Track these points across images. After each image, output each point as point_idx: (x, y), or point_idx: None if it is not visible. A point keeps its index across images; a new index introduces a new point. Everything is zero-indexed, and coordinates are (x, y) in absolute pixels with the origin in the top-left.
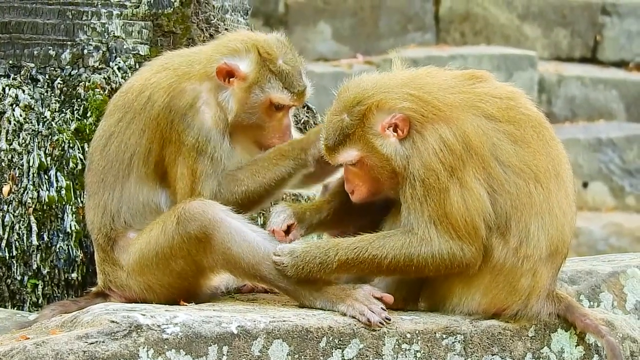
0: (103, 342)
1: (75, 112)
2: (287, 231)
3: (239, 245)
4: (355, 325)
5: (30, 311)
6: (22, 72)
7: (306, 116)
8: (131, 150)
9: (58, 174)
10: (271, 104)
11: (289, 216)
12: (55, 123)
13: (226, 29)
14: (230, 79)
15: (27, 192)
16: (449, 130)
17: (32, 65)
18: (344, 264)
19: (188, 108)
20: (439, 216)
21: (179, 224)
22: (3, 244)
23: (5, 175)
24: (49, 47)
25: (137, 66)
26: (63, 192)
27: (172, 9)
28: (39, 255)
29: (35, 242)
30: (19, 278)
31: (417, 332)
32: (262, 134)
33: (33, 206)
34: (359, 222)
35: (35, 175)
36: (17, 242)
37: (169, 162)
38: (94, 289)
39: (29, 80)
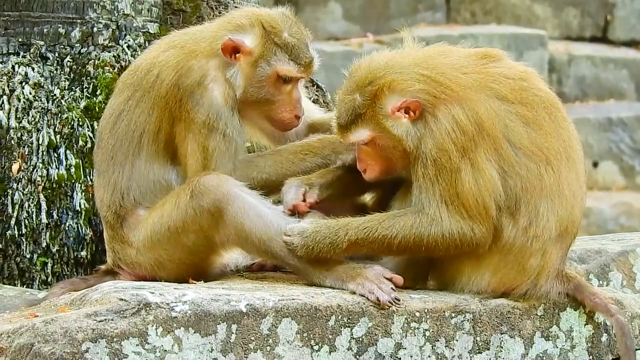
0: (112, 319)
1: (85, 90)
2: (304, 200)
3: (251, 221)
4: (364, 304)
5: (39, 289)
6: (32, 50)
7: (315, 95)
8: (141, 128)
9: (67, 152)
10: (278, 77)
11: (298, 185)
12: (65, 101)
13: (236, 7)
14: (237, 55)
15: (37, 170)
16: (462, 111)
17: (42, 43)
18: (354, 243)
19: (196, 86)
20: (450, 196)
21: (193, 197)
22: (12, 222)
23: (14, 153)
24: (59, 25)
25: (147, 44)
26: (72, 170)
27: None
28: (48, 234)
29: (44, 220)
30: (28, 256)
31: (426, 310)
32: (272, 109)
33: (42, 184)
34: (366, 190)
35: (44, 153)
36: (26, 220)
37: (179, 139)
38: (103, 267)
39: (39, 58)
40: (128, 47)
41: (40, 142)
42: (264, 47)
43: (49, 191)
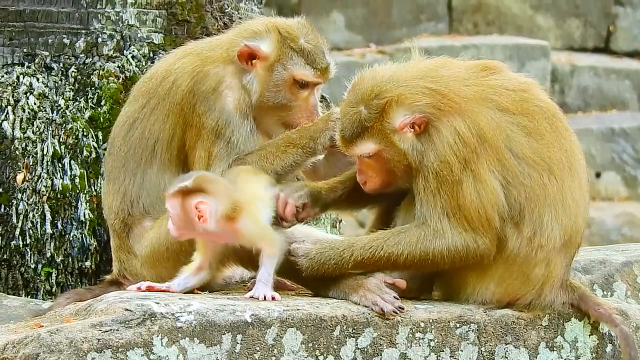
0: (117, 330)
1: (89, 100)
2: (302, 208)
3: None
4: (369, 314)
5: (44, 299)
6: (37, 61)
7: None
8: (155, 136)
9: (72, 162)
10: (295, 81)
11: (306, 195)
12: (69, 111)
13: (240, 18)
14: (253, 61)
15: (41, 181)
16: (464, 124)
17: (47, 53)
18: (359, 263)
19: (211, 92)
20: (452, 208)
21: None
22: (17, 232)
23: (19, 163)
24: (64, 36)
25: (151, 55)
26: (77, 180)
27: None
28: (52, 244)
29: (49, 230)
30: (32, 266)
31: (431, 321)
32: (289, 114)
33: (47, 194)
34: (372, 204)
35: (49, 163)
36: (31, 230)
37: (190, 146)
38: (107, 277)
39: (44, 69)
40: (132, 57)
41: (44, 152)
42: (280, 52)
43: (54, 201)
